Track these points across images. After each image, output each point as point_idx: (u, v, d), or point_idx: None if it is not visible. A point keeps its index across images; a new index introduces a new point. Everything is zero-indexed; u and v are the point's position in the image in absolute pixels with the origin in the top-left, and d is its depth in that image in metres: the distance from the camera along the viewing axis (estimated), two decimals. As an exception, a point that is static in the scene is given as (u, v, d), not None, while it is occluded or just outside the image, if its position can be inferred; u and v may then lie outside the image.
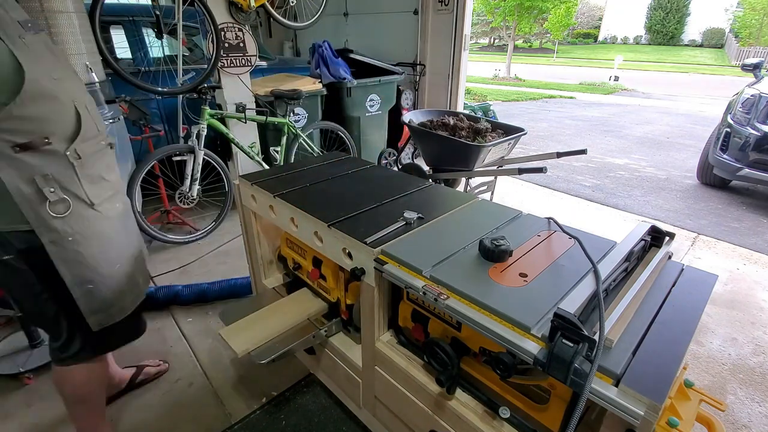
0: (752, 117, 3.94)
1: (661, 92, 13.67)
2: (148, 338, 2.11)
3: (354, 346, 1.51)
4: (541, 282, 1.02)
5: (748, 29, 23.05)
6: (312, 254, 1.55)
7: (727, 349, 2.14)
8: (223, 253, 2.91)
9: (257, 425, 1.67)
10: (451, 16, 4.42)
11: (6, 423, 1.66)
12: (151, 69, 3.23)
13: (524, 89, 13.30)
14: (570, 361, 0.75)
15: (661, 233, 1.20)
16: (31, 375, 1.85)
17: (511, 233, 1.27)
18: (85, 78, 2.29)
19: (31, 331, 1.94)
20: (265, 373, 1.90)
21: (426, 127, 3.06)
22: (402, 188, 1.61)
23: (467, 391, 1.13)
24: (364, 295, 1.26)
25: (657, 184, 4.73)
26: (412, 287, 1.05)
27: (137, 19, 3.33)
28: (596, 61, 23.97)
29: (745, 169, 3.89)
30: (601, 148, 6.29)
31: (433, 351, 1.13)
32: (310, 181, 1.66)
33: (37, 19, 2.06)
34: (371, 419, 1.48)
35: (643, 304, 0.97)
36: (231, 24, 2.96)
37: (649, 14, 29.18)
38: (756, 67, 4.62)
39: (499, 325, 0.90)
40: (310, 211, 1.38)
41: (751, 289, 2.67)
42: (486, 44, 32.46)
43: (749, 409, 1.81)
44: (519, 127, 3.11)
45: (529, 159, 3.07)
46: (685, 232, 3.49)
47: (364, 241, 1.19)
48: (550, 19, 17.48)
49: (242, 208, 1.78)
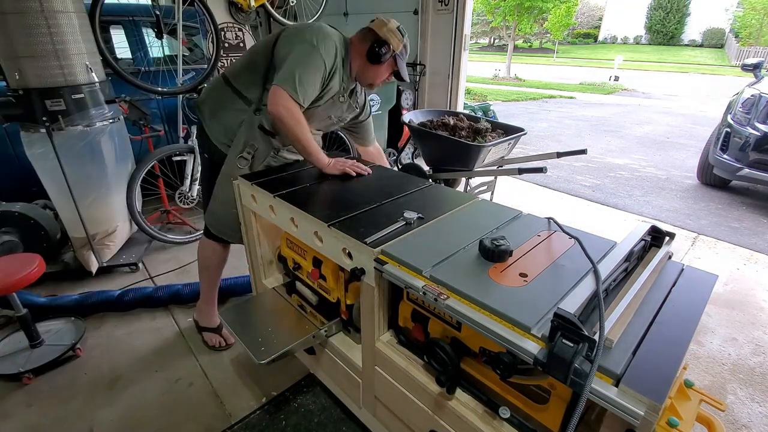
0: (752, 117, 3.94)
1: (661, 92, 13.67)
2: (148, 338, 2.12)
3: (354, 346, 1.51)
4: (541, 282, 1.02)
5: (748, 29, 23.05)
6: (312, 254, 1.55)
7: (727, 349, 2.14)
8: (223, 253, 2.91)
9: (257, 425, 1.67)
10: (451, 16, 4.42)
11: (6, 423, 1.66)
12: (151, 69, 3.24)
13: (524, 89, 13.30)
14: (570, 361, 0.75)
15: (661, 233, 1.20)
16: (31, 375, 1.85)
17: (511, 233, 1.27)
18: (85, 78, 2.30)
19: (31, 331, 1.94)
20: (265, 373, 1.90)
21: (426, 127, 3.06)
22: (402, 188, 1.60)
23: (467, 391, 1.13)
24: (364, 295, 1.26)
25: (657, 184, 4.73)
26: (412, 287, 1.05)
27: (137, 19, 3.33)
28: (596, 61, 23.97)
29: (745, 169, 3.89)
30: (601, 148, 6.29)
31: (433, 351, 1.12)
32: (310, 181, 1.66)
33: (37, 19, 2.07)
34: (371, 419, 1.48)
35: (643, 304, 0.96)
36: (231, 24, 2.96)
37: (649, 14, 29.18)
38: (756, 67, 4.62)
39: (499, 325, 0.90)
40: (310, 211, 1.37)
41: (751, 289, 2.67)
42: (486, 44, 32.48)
43: (749, 409, 1.81)
44: (519, 127, 3.11)
45: (529, 159, 3.07)
46: (685, 232, 3.49)
47: (364, 241, 1.19)
48: (550, 19, 17.48)
49: (242, 208, 1.78)
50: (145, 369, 1.93)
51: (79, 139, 2.33)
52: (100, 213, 2.53)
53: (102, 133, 2.42)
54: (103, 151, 2.45)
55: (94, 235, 2.52)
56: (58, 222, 2.56)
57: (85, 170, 2.39)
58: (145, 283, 2.58)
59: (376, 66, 1.68)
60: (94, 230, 2.52)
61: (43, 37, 2.10)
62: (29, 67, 2.12)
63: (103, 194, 2.51)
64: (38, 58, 2.12)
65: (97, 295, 2.27)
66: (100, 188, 2.50)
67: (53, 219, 2.57)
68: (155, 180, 3.09)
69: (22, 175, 2.66)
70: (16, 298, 1.86)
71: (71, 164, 2.31)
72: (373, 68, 1.69)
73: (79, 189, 2.38)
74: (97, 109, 2.38)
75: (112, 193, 2.57)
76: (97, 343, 2.09)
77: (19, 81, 2.14)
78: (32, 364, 1.87)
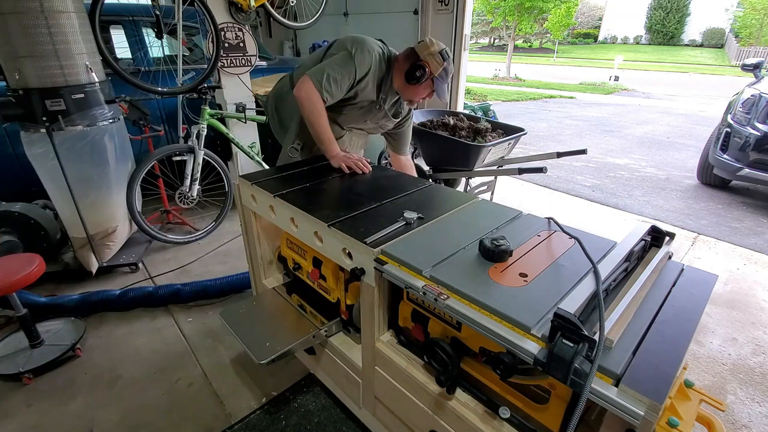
0: (752, 117, 3.94)
1: (661, 92, 13.67)
2: (148, 338, 2.12)
3: (354, 346, 1.51)
4: (541, 282, 1.02)
5: (748, 29, 23.04)
6: (312, 254, 1.55)
7: (727, 349, 2.14)
8: (223, 253, 2.91)
9: (257, 425, 1.67)
10: (451, 16, 4.42)
11: (6, 423, 1.66)
12: (151, 69, 3.23)
13: (524, 89, 13.30)
14: (570, 361, 0.75)
15: (661, 233, 1.20)
16: (31, 375, 1.85)
17: (511, 233, 1.27)
18: (85, 78, 2.30)
19: (31, 331, 1.94)
20: (265, 373, 1.90)
21: (426, 127, 3.06)
22: (402, 188, 1.61)
23: (467, 391, 1.13)
24: (364, 295, 1.26)
25: (657, 184, 4.73)
26: (412, 287, 1.05)
27: (137, 19, 3.33)
28: (596, 61, 23.97)
29: (745, 169, 3.89)
30: (601, 148, 6.29)
31: (433, 351, 1.12)
32: (310, 181, 1.66)
33: (37, 19, 2.07)
34: (371, 419, 1.48)
35: (643, 304, 0.96)
36: (231, 24, 2.95)
37: (649, 14, 29.18)
38: (756, 67, 4.62)
39: (499, 325, 0.90)
40: (310, 211, 1.38)
41: (751, 289, 2.67)
42: (486, 44, 32.48)
43: (749, 409, 1.81)
44: (519, 127, 3.11)
45: (529, 159, 3.07)
46: (685, 232, 3.49)
47: (364, 241, 1.19)
48: (550, 19, 17.47)
49: (242, 208, 1.78)
50: (145, 369, 1.93)
51: (79, 139, 2.33)
52: (100, 213, 2.53)
53: (102, 133, 2.42)
54: (103, 151, 2.45)
55: (94, 235, 2.52)
56: (58, 222, 2.56)
57: (85, 170, 2.39)
58: (145, 283, 2.58)
59: (414, 86, 1.81)
60: (94, 230, 2.52)
61: (43, 37, 2.10)
62: (29, 67, 2.12)
63: (103, 194, 2.51)
64: (38, 58, 2.12)
65: (97, 295, 2.27)
66: (100, 188, 2.49)
67: (53, 219, 2.57)
68: (155, 180, 3.09)
69: (22, 175, 2.66)
70: (16, 298, 1.86)
71: (71, 164, 2.31)
72: (412, 87, 1.83)
73: (79, 189, 2.38)
74: (97, 109, 2.38)
75: (112, 193, 2.57)
76: (97, 343, 2.08)
77: (19, 81, 2.14)
78: (32, 364, 1.87)
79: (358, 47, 1.75)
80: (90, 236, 2.48)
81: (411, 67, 1.77)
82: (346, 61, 1.73)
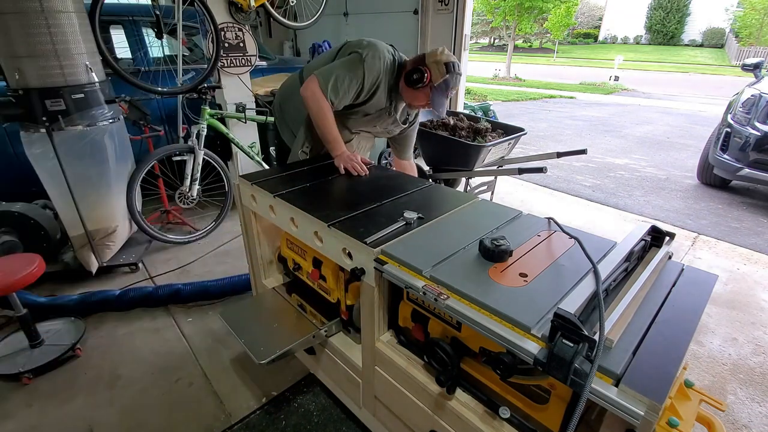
0: (752, 117, 3.94)
1: (661, 92, 13.66)
2: (148, 338, 2.12)
3: (354, 346, 1.51)
4: (541, 282, 1.02)
5: (748, 29, 23.03)
6: (312, 254, 1.55)
7: (727, 349, 2.14)
8: (223, 253, 2.91)
9: (257, 425, 1.67)
10: (451, 16, 4.42)
11: (6, 423, 1.66)
12: (151, 69, 3.23)
13: (524, 89, 13.30)
14: (570, 361, 0.75)
15: (661, 233, 1.20)
16: (31, 375, 1.85)
17: (511, 233, 1.27)
18: (85, 78, 2.30)
19: (31, 331, 1.94)
20: (265, 373, 1.90)
21: (426, 127, 3.06)
22: (402, 188, 1.61)
23: (467, 391, 1.13)
24: (364, 295, 1.26)
25: (657, 184, 4.73)
26: (412, 287, 1.05)
27: (137, 19, 3.33)
28: (596, 61, 23.97)
29: (746, 169, 3.89)
30: (601, 148, 6.29)
31: (433, 351, 1.12)
32: (310, 181, 1.66)
33: (37, 19, 2.06)
34: (371, 419, 1.48)
35: (643, 304, 0.96)
36: (231, 24, 2.96)
37: (649, 14, 29.15)
38: (756, 67, 4.62)
39: (499, 325, 0.90)
40: (310, 211, 1.37)
41: (751, 289, 2.67)
42: (486, 44, 32.47)
43: (749, 409, 1.81)
44: (519, 127, 3.11)
45: (529, 159, 3.07)
46: (686, 232, 3.49)
47: (364, 241, 1.19)
48: (550, 19, 17.46)
49: (242, 208, 1.78)
50: (145, 369, 1.93)
51: (79, 139, 2.33)
52: (100, 213, 2.53)
53: (102, 133, 2.42)
54: (103, 151, 2.45)
55: (94, 235, 2.51)
56: (58, 222, 2.56)
57: (85, 170, 2.39)
58: (145, 283, 2.58)
59: (411, 89, 1.80)
60: (94, 230, 2.52)
61: (43, 37, 2.10)
62: (29, 67, 2.12)
63: (103, 194, 2.51)
64: (38, 58, 2.12)
65: (97, 295, 2.27)
66: (100, 188, 2.49)
67: (53, 219, 2.57)
68: (155, 180, 3.09)
69: (22, 175, 2.66)
70: (16, 298, 1.86)
71: (71, 164, 2.31)
72: (409, 90, 1.81)
73: (79, 189, 2.38)
74: (97, 109, 2.38)
75: (112, 193, 2.57)
76: (97, 343, 2.08)
77: (19, 81, 2.14)
78: (32, 364, 1.87)
79: (369, 52, 1.75)
80: (90, 236, 2.48)
81: (412, 69, 1.77)
82: (356, 65, 1.73)
